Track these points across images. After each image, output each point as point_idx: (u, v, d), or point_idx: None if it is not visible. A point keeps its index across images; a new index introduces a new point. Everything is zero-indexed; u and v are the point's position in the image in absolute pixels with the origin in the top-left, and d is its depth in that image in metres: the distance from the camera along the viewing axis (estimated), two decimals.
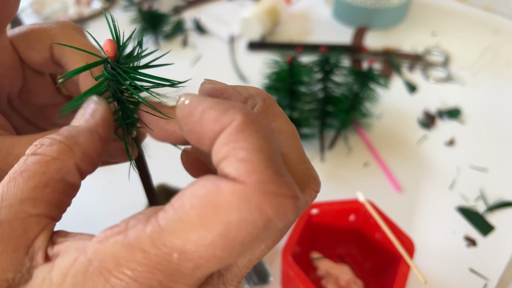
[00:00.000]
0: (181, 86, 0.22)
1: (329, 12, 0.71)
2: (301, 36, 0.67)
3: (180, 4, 0.74)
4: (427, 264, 0.39)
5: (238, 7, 0.74)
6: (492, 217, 0.43)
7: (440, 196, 0.45)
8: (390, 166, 0.48)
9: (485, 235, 0.41)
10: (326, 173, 0.47)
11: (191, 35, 0.68)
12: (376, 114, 0.54)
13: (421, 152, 0.49)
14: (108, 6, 0.73)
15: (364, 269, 0.38)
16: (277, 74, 0.48)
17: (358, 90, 0.48)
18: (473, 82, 0.58)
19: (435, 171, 0.47)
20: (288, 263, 0.32)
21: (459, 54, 0.62)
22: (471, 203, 0.44)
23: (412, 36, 0.66)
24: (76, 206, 0.46)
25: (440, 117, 0.53)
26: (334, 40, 0.65)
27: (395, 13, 0.66)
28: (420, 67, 0.60)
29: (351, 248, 0.40)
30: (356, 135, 0.51)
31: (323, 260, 0.38)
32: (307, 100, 0.49)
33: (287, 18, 0.70)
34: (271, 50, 0.63)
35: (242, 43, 0.66)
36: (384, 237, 0.35)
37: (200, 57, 0.64)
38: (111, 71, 0.19)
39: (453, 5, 0.72)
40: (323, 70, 0.48)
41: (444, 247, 0.41)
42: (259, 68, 0.60)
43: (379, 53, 0.62)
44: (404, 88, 0.58)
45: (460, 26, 0.68)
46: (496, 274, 0.39)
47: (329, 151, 0.50)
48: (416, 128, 0.52)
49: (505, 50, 0.63)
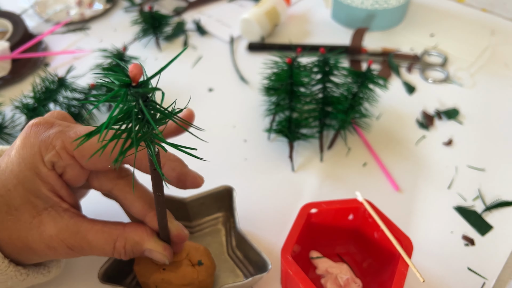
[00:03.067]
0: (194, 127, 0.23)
1: (328, 14, 0.71)
2: (300, 37, 0.67)
3: (181, 5, 0.75)
4: (425, 263, 0.40)
5: (238, 8, 0.74)
6: (490, 216, 0.43)
7: (438, 196, 0.45)
8: (388, 166, 0.48)
9: (483, 234, 0.42)
10: (325, 173, 0.47)
11: (191, 36, 0.68)
12: (375, 114, 0.54)
13: (420, 152, 0.50)
14: (110, 7, 0.73)
15: (363, 268, 0.39)
16: (277, 74, 0.48)
17: (357, 90, 0.49)
18: (471, 83, 0.58)
19: (434, 171, 0.48)
20: (287, 262, 0.33)
21: (458, 55, 0.63)
22: (469, 203, 0.44)
23: (410, 37, 0.66)
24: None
25: (439, 117, 0.54)
26: (334, 41, 0.65)
27: (393, 14, 0.67)
28: (418, 68, 0.61)
29: (350, 247, 0.40)
30: (355, 135, 0.52)
31: (322, 259, 0.38)
32: (307, 100, 0.49)
33: (287, 20, 0.71)
34: (270, 51, 0.64)
35: (242, 44, 0.66)
36: (383, 236, 0.36)
37: (201, 58, 0.64)
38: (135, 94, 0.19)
39: (451, 7, 0.73)
40: (323, 71, 0.49)
41: (442, 247, 0.41)
42: (259, 69, 0.60)
43: (378, 54, 0.63)
44: (403, 88, 0.58)
45: (458, 27, 0.68)
46: (494, 273, 0.39)
47: (328, 151, 0.50)
48: (414, 128, 0.52)
49: (503, 51, 0.63)
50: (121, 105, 0.19)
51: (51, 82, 0.52)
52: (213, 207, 0.42)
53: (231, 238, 0.41)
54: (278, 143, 0.51)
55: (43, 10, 0.73)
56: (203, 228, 0.42)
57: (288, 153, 0.49)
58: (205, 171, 0.49)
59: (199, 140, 0.52)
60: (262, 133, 0.52)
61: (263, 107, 0.55)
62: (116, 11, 0.74)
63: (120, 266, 0.36)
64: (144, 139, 0.20)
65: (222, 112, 0.55)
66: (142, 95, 0.19)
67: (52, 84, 0.52)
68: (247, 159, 0.49)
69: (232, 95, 0.58)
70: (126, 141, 0.20)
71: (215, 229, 0.42)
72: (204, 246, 0.37)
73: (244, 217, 0.43)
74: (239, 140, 0.52)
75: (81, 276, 0.39)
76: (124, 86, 0.18)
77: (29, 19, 0.72)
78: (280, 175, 0.48)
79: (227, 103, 0.57)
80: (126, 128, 0.20)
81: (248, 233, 0.42)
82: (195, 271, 0.34)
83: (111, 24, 0.71)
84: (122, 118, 0.19)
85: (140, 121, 0.19)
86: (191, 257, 0.35)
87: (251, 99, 0.57)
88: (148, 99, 0.19)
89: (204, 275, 0.35)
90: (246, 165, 0.49)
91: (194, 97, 0.57)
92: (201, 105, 0.56)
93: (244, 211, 0.43)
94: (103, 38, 0.68)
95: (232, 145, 0.51)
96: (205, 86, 0.59)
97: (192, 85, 0.59)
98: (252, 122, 0.54)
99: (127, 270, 0.38)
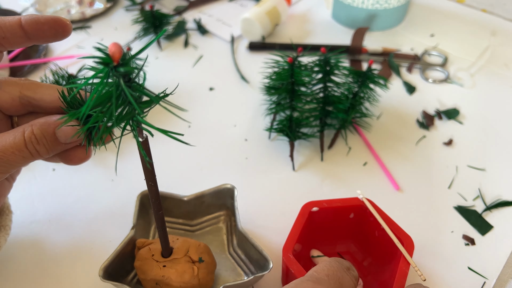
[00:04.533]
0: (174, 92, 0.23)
1: (329, 14, 0.72)
2: (301, 37, 0.67)
3: (182, 4, 0.75)
4: (426, 263, 0.40)
5: (239, 7, 0.74)
6: (490, 216, 0.43)
7: (438, 196, 0.45)
8: (389, 165, 0.48)
9: (483, 234, 0.42)
10: (326, 172, 0.48)
11: (192, 35, 0.68)
12: (375, 114, 0.54)
13: (420, 152, 0.50)
14: (110, 6, 0.73)
15: (363, 267, 0.39)
16: (278, 74, 0.48)
17: (358, 90, 0.49)
18: (471, 83, 0.58)
19: (434, 170, 0.48)
20: (289, 260, 0.33)
21: (458, 55, 0.63)
22: (470, 203, 0.45)
23: (411, 37, 0.66)
24: (79, 205, 0.46)
25: (439, 117, 0.54)
26: (334, 41, 0.65)
27: (394, 14, 0.67)
28: (419, 68, 0.61)
29: (351, 246, 0.40)
30: (356, 135, 0.52)
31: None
32: (307, 100, 0.49)
33: (288, 19, 0.71)
34: (271, 51, 0.64)
35: (243, 44, 0.66)
36: (383, 235, 0.36)
37: (201, 57, 0.64)
38: (117, 74, 0.19)
39: (451, 7, 0.73)
40: (323, 70, 0.49)
41: (443, 246, 0.41)
42: (260, 68, 0.60)
43: (379, 54, 0.63)
44: (403, 88, 0.58)
45: (458, 27, 0.68)
46: (495, 273, 0.39)
47: (329, 151, 0.50)
48: (415, 128, 0.53)
49: (503, 51, 0.63)
50: (102, 85, 0.19)
51: (61, 76, 0.51)
52: (214, 206, 0.42)
53: (232, 236, 0.41)
54: (278, 142, 0.51)
55: (44, 8, 0.73)
56: (204, 226, 0.42)
57: (289, 152, 0.49)
58: (206, 170, 0.49)
59: (199, 138, 0.52)
60: (263, 132, 0.52)
61: (263, 106, 0.55)
62: (117, 10, 0.74)
63: (121, 264, 0.36)
64: (125, 119, 0.20)
65: (222, 111, 0.55)
66: (124, 75, 0.19)
67: (62, 79, 0.51)
68: (248, 158, 0.49)
69: (232, 94, 0.58)
70: (108, 121, 0.20)
71: (216, 227, 0.42)
72: (204, 243, 0.37)
73: (245, 216, 0.43)
74: (240, 139, 0.52)
75: (82, 274, 0.39)
76: (106, 65, 0.18)
77: None
78: (281, 174, 0.48)
79: (227, 102, 0.57)
80: (106, 107, 0.20)
81: (249, 231, 0.42)
82: (195, 268, 0.34)
83: (111, 23, 0.71)
84: (103, 97, 0.19)
85: (122, 102, 0.19)
86: (191, 254, 0.35)
87: (251, 98, 0.57)
88: (131, 80, 0.19)
89: (204, 272, 0.35)
90: (247, 164, 0.49)
91: (194, 96, 0.58)
92: (201, 104, 0.56)
93: (245, 210, 0.44)
94: (104, 37, 0.68)
95: (233, 144, 0.51)
96: (206, 85, 0.59)
97: (193, 84, 0.59)
98: (253, 121, 0.54)
99: (128, 268, 0.38)
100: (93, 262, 0.40)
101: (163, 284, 0.34)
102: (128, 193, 0.46)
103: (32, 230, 0.43)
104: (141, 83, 0.20)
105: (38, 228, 0.43)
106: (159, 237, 0.33)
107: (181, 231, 0.42)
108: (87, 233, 0.43)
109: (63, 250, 0.41)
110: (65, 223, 0.44)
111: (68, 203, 0.45)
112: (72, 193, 0.46)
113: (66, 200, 0.46)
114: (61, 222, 0.44)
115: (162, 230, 0.32)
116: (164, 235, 0.33)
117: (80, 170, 0.49)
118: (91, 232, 0.43)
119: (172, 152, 0.50)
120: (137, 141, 0.23)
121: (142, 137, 0.23)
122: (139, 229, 0.39)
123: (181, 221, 0.42)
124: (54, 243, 0.42)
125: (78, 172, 0.48)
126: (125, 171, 0.48)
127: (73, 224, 0.44)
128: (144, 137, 0.23)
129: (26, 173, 0.48)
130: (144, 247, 0.36)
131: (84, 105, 0.19)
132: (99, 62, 0.18)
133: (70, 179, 0.48)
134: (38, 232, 0.43)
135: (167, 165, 0.49)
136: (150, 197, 0.29)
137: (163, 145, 0.50)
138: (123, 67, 0.19)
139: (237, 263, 0.39)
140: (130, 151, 0.50)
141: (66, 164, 0.32)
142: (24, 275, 0.40)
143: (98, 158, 0.50)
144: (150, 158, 0.25)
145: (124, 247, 0.36)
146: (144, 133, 0.23)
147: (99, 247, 0.41)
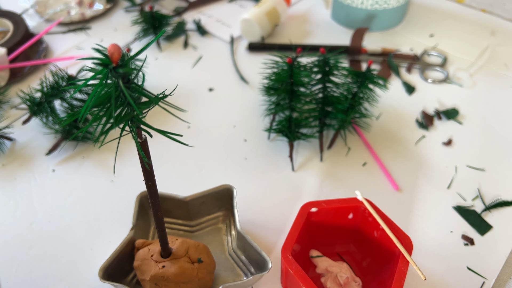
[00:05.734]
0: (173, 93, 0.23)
1: (328, 14, 0.72)
2: (300, 37, 0.67)
3: (181, 5, 0.75)
4: (425, 263, 0.40)
5: (238, 8, 0.74)
6: (489, 216, 0.43)
7: (438, 196, 0.45)
8: (388, 165, 0.48)
9: (482, 234, 0.42)
10: (325, 173, 0.48)
11: (192, 36, 0.68)
12: (375, 114, 0.54)
13: (419, 152, 0.50)
14: (110, 7, 0.74)
15: (362, 267, 0.39)
16: (277, 74, 0.48)
17: (357, 90, 0.49)
18: (471, 83, 0.58)
19: (433, 170, 0.48)
20: (287, 261, 0.33)
21: (457, 55, 0.63)
22: (469, 203, 0.45)
23: (410, 38, 0.67)
24: (78, 205, 0.46)
25: (438, 117, 0.54)
26: (333, 41, 0.66)
27: (393, 14, 0.67)
28: (418, 68, 0.61)
29: (350, 246, 0.40)
30: (355, 135, 0.52)
31: (322, 258, 0.38)
32: (307, 100, 0.49)
33: (287, 20, 0.71)
34: (270, 51, 0.64)
35: (242, 44, 0.66)
36: (382, 235, 0.36)
37: (201, 58, 0.64)
38: (116, 75, 0.19)
39: (451, 7, 0.73)
40: (323, 70, 0.49)
41: (442, 246, 0.41)
42: (259, 69, 0.61)
43: (378, 54, 0.63)
44: (403, 88, 0.58)
45: (458, 27, 0.68)
46: (494, 273, 0.39)
47: (328, 151, 0.50)
48: (414, 128, 0.53)
49: (503, 51, 0.63)
50: (101, 86, 0.19)
51: (61, 77, 0.51)
52: (214, 206, 0.42)
53: (231, 237, 0.41)
54: (278, 142, 0.51)
55: (44, 9, 0.73)
56: (204, 227, 0.42)
57: (288, 152, 0.50)
58: (205, 170, 0.49)
59: (198, 138, 0.52)
60: (262, 132, 0.52)
61: (263, 106, 0.55)
62: (117, 11, 0.74)
63: (120, 264, 0.36)
64: (124, 120, 0.20)
65: (222, 111, 0.56)
66: (123, 76, 0.19)
67: (62, 80, 0.51)
68: (247, 158, 0.50)
69: (232, 95, 0.58)
70: (107, 122, 0.20)
71: (216, 228, 0.42)
72: (203, 244, 0.37)
73: (244, 216, 0.43)
74: (239, 140, 0.52)
75: (81, 274, 0.39)
76: (105, 66, 0.19)
77: (30, 19, 0.72)
78: (280, 175, 0.48)
79: (227, 103, 0.57)
80: (105, 108, 0.20)
81: (248, 232, 0.42)
82: (194, 268, 0.34)
83: (111, 24, 0.71)
84: (102, 98, 0.19)
85: (121, 103, 0.20)
86: (190, 254, 0.35)
87: (251, 99, 0.57)
88: (130, 81, 0.19)
89: (203, 272, 0.35)
90: (246, 164, 0.49)
91: (194, 97, 0.58)
92: (201, 105, 0.57)
93: (245, 210, 0.44)
94: (104, 38, 0.68)
95: (232, 145, 0.51)
96: (205, 86, 0.59)
97: (193, 85, 0.60)
98: (252, 121, 0.54)
99: (128, 268, 0.38)
100: (93, 262, 0.40)
101: (163, 284, 0.34)
102: (128, 194, 0.46)
103: (32, 230, 0.43)
104: (140, 84, 0.20)
105: (38, 228, 0.43)
106: (159, 238, 0.33)
107: (181, 231, 0.42)
108: (86, 234, 0.43)
109: (63, 250, 0.41)
110: (65, 223, 0.44)
111: (67, 204, 0.45)
112: (71, 193, 0.46)
113: (66, 201, 0.46)
114: (61, 222, 0.44)
115: (161, 231, 0.32)
116: (163, 236, 0.33)
117: (80, 170, 0.49)
118: (90, 233, 0.43)
119: (172, 153, 0.50)
120: (136, 142, 0.23)
121: (141, 138, 0.23)
122: (138, 229, 0.39)
123: (181, 222, 0.42)
124: (54, 243, 0.42)
125: (77, 173, 0.48)
126: (125, 172, 0.48)
127: (73, 224, 0.44)
128: (143, 138, 0.23)
129: (26, 174, 0.48)
130: (143, 247, 0.36)
131: (84, 106, 0.20)
132: (98, 63, 0.19)
133: (69, 180, 0.48)
134: (38, 232, 0.43)
135: (167, 165, 0.49)
136: (149, 198, 0.29)
137: (163, 146, 0.50)
138: (122, 68, 0.19)
139: (236, 264, 0.39)
140: (129, 152, 0.50)
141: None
142: (24, 275, 0.40)
143: (98, 159, 0.50)
144: (149, 159, 0.25)
145: (123, 247, 0.36)
146: (143, 134, 0.23)
147: (98, 248, 0.42)
